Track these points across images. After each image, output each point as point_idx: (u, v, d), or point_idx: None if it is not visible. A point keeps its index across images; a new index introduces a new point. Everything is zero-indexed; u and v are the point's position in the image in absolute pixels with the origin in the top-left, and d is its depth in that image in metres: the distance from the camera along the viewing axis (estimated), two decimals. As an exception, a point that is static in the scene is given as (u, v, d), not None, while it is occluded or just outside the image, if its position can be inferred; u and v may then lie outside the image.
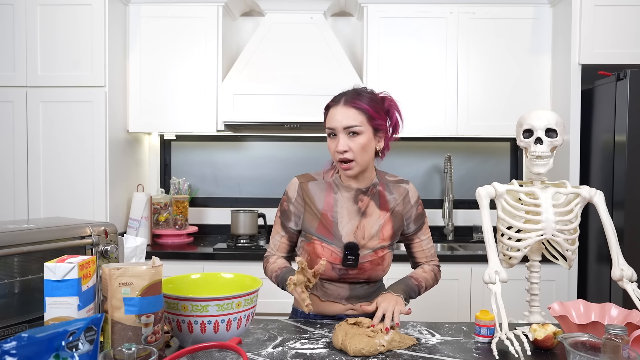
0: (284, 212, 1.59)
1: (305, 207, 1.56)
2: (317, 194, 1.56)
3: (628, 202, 2.34)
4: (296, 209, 1.57)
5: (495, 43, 2.87)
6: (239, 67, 2.88)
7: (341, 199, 1.55)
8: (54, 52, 2.67)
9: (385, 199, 1.56)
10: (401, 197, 1.57)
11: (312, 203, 1.55)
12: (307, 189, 1.57)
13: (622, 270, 1.44)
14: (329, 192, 1.56)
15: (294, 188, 1.59)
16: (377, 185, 1.57)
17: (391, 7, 2.87)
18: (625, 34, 2.62)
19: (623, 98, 2.37)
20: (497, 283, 1.39)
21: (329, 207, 1.54)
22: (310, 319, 1.58)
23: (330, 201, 1.55)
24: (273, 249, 1.62)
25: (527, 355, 1.24)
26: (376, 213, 1.54)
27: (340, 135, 1.46)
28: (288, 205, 1.58)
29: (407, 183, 1.61)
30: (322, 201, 1.55)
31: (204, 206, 3.28)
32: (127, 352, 0.99)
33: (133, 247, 1.39)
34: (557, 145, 1.54)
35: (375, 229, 1.53)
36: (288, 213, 1.58)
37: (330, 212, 1.54)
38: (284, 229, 1.59)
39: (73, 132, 2.67)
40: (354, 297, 1.56)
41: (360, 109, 1.46)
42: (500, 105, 2.87)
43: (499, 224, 1.57)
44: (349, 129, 1.45)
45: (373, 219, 1.54)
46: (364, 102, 1.47)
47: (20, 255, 1.28)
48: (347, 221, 1.53)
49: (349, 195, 1.55)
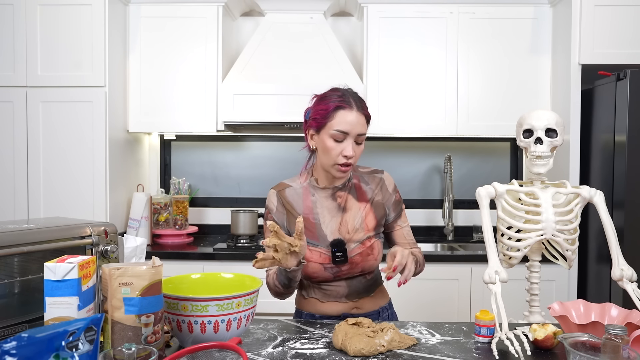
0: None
1: (286, 214, 1.56)
2: (295, 200, 1.56)
3: (628, 202, 2.34)
4: (279, 218, 1.56)
5: (495, 43, 2.87)
6: (239, 67, 2.88)
7: (319, 200, 1.56)
8: (54, 52, 2.67)
9: (362, 190, 1.58)
10: (377, 186, 1.59)
11: (292, 209, 1.56)
12: (284, 196, 1.57)
13: (622, 270, 1.44)
14: (306, 195, 1.57)
15: (272, 199, 1.58)
16: (351, 179, 1.58)
17: (391, 7, 2.87)
18: (625, 34, 2.62)
19: (623, 98, 2.37)
20: (497, 283, 1.39)
21: (308, 210, 1.55)
22: (314, 319, 1.58)
23: (309, 204, 1.55)
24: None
25: (527, 355, 1.24)
26: (356, 206, 1.56)
27: (350, 141, 1.45)
28: (271, 216, 1.57)
29: (382, 172, 1.62)
30: (300, 206, 1.56)
31: (204, 206, 3.28)
32: (127, 352, 0.99)
33: (133, 247, 1.39)
34: (557, 145, 1.54)
35: (358, 221, 1.54)
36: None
37: (311, 215, 1.54)
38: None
39: (73, 132, 2.67)
40: (353, 293, 1.57)
41: (366, 117, 1.48)
42: (500, 105, 2.87)
43: (499, 224, 1.57)
44: (360, 136, 1.46)
45: (354, 212, 1.55)
46: (367, 109, 1.49)
47: (20, 255, 1.28)
48: (329, 220, 1.54)
49: (326, 194, 1.56)
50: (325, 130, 1.46)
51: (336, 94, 1.49)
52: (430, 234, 3.23)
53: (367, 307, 1.59)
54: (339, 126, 1.44)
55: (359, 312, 1.57)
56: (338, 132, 1.44)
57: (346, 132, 1.44)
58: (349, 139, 1.45)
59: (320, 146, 1.49)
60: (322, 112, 1.47)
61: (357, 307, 1.58)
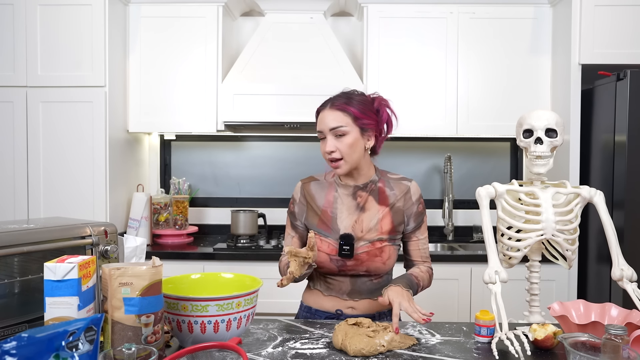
0: (291, 214, 1.68)
1: (307, 205, 1.64)
2: (318, 192, 1.64)
3: (628, 202, 2.34)
4: (299, 209, 1.66)
5: (495, 43, 2.87)
6: (239, 67, 2.88)
7: (340, 197, 1.61)
8: (54, 52, 2.67)
9: (385, 194, 1.61)
10: (402, 193, 1.61)
11: (312, 201, 1.64)
12: (308, 188, 1.66)
13: (622, 270, 1.44)
14: (330, 190, 1.63)
15: (297, 190, 1.69)
16: (376, 182, 1.62)
17: (391, 7, 2.87)
18: (625, 34, 2.62)
19: (623, 98, 2.37)
20: (497, 283, 1.39)
21: (329, 204, 1.61)
22: (310, 313, 1.62)
23: (330, 198, 1.62)
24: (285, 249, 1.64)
25: (527, 355, 1.24)
26: (375, 208, 1.59)
27: (328, 137, 1.54)
28: (294, 207, 1.68)
29: (410, 181, 1.64)
30: (322, 199, 1.63)
31: (204, 206, 3.28)
32: (127, 352, 0.99)
33: (133, 247, 1.39)
34: (557, 145, 1.54)
35: (373, 222, 1.57)
36: (294, 213, 1.67)
37: (330, 208, 1.61)
38: (293, 229, 1.68)
39: (73, 132, 2.67)
40: (356, 292, 1.58)
41: (345, 111, 1.54)
42: (500, 105, 2.87)
43: (499, 224, 1.57)
44: (335, 130, 1.53)
45: (371, 213, 1.58)
46: (349, 104, 1.54)
47: (20, 255, 1.28)
48: (346, 216, 1.59)
49: (347, 192, 1.61)
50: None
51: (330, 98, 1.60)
52: (431, 234, 3.22)
53: (364, 308, 1.59)
54: (318, 126, 1.58)
55: (354, 313, 1.58)
56: (319, 133, 1.58)
57: (320, 131, 1.56)
58: (327, 135, 1.54)
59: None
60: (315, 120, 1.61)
61: (353, 307, 1.59)
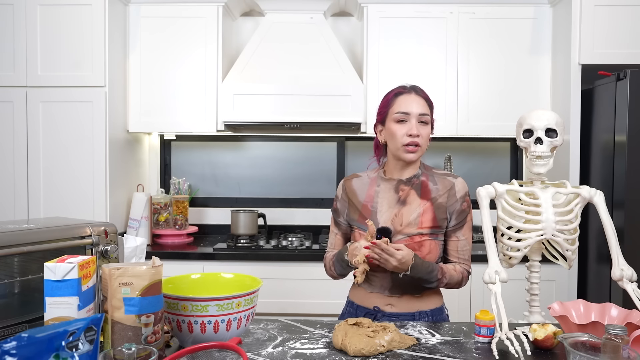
0: (334, 211, 1.71)
1: (348, 202, 1.66)
2: (360, 188, 1.65)
3: (628, 202, 2.34)
4: (342, 206, 1.68)
5: (495, 43, 2.87)
6: (239, 67, 2.88)
7: (382, 191, 1.62)
8: (54, 52, 2.67)
9: (427, 188, 1.60)
10: (446, 189, 1.59)
11: (354, 197, 1.64)
12: (350, 185, 1.67)
13: (622, 270, 1.44)
14: (371, 185, 1.64)
15: (340, 187, 1.71)
16: (419, 176, 1.62)
17: (391, 7, 2.87)
18: (625, 34, 2.62)
19: (623, 98, 2.37)
20: (497, 283, 1.39)
21: (369, 199, 1.62)
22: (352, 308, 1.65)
23: (372, 193, 1.62)
24: (330, 247, 1.72)
25: (527, 355, 1.24)
26: (416, 202, 1.58)
27: (413, 121, 1.54)
28: (336, 204, 1.70)
29: (456, 178, 1.62)
30: (363, 194, 1.63)
31: (204, 206, 3.28)
32: (127, 352, 0.99)
33: (133, 247, 1.39)
34: (557, 145, 1.55)
35: (413, 216, 1.56)
36: (337, 211, 1.69)
37: (370, 203, 1.61)
38: (337, 227, 1.70)
39: (73, 132, 2.67)
40: (397, 288, 1.57)
41: (428, 101, 1.58)
42: (500, 105, 2.87)
43: (499, 224, 1.57)
44: (422, 116, 1.55)
45: (413, 207, 1.57)
46: (427, 95, 1.60)
47: (20, 255, 1.28)
48: (385, 209, 1.59)
49: (390, 186, 1.61)
50: (389, 118, 1.58)
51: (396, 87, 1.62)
52: (430, 234, 3.22)
53: (402, 306, 1.58)
54: (400, 108, 1.55)
55: (392, 310, 1.57)
56: (400, 114, 1.55)
57: (407, 112, 1.54)
58: (411, 119, 1.54)
59: (387, 134, 1.59)
60: (383, 103, 1.62)
61: (392, 305, 1.58)
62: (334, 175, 3.28)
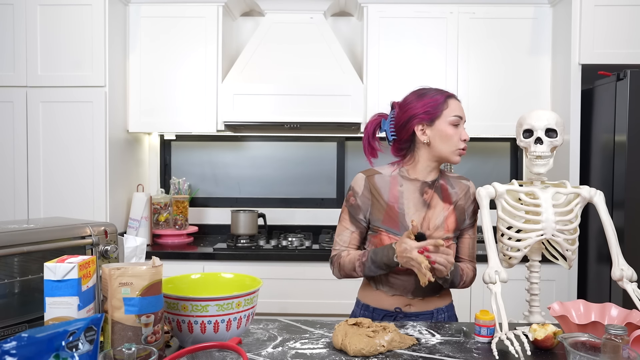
0: (353, 207, 1.61)
1: (372, 199, 1.59)
2: (383, 187, 1.59)
3: (628, 202, 2.34)
4: (363, 203, 1.59)
5: (495, 43, 2.87)
6: (238, 67, 2.88)
7: (407, 192, 1.59)
8: (54, 52, 2.67)
9: (447, 192, 1.62)
10: (463, 192, 1.63)
11: (378, 195, 1.59)
12: (373, 181, 1.60)
13: (622, 270, 1.44)
14: (393, 185, 1.60)
15: (360, 182, 1.61)
16: (439, 179, 1.63)
17: (391, 7, 2.87)
18: (625, 34, 2.62)
19: (623, 98, 2.37)
20: (497, 283, 1.39)
21: (394, 199, 1.58)
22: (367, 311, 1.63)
23: (396, 193, 1.59)
24: (342, 245, 1.62)
25: (527, 355, 1.24)
26: (440, 205, 1.59)
27: (463, 126, 1.57)
28: (355, 200, 1.60)
29: (468, 180, 1.67)
30: (387, 193, 1.59)
31: (204, 206, 3.28)
32: (127, 352, 0.99)
33: (133, 247, 1.39)
34: (557, 145, 1.54)
35: (439, 220, 1.58)
36: (357, 207, 1.60)
37: (397, 204, 1.57)
38: (353, 224, 1.61)
39: (73, 132, 2.67)
40: (419, 290, 1.58)
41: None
42: (500, 105, 2.87)
43: (499, 224, 1.57)
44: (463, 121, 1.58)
45: (437, 210, 1.58)
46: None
47: (20, 255, 1.28)
48: (413, 212, 1.57)
49: (414, 187, 1.59)
50: (441, 120, 1.54)
51: (432, 89, 1.59)
52: (430, 234, 3.22)
53: (422, 305, 1.59)
54: (455, 112, 1.55)
55: (412, 310, 1.59)
56: (456, 118, 1.54)
57: (461, 117, 1.56)
58: (462, 124, 1.56)
59: (439, 135, 1.54)
60: (433, 104, 1.54)
61: (411, 305, 1.58)
62: (334, 175, 3.28)
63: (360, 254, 1.56)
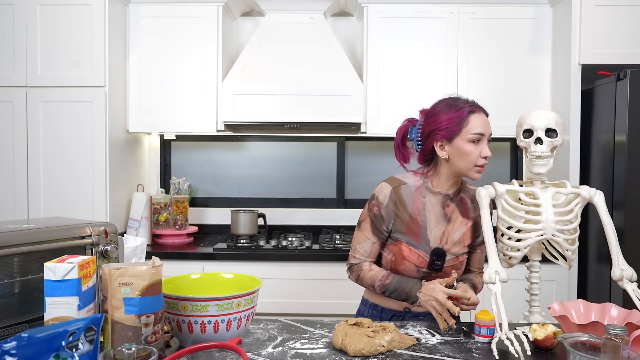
0: (376, 217, 1.58)
1: (395, 211, 1.57)
2: (407, 198, 1.58)
3: (628, 202, 2.34)
4: (387, 214, 1.57)
5: (495, 43, 2.87)
6: (239, 67, 2.88)
7: (429, 204, 1.58)
8: (54, 52, 2.67)
9: (467, 206, 1.62)
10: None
11: (402, 207, 1.57)
12: (399, 193, 1.58)
13: (622, 270, 1.44)
14: (417, 196, 1.59)
15: (385, 192, 1.58)
16: (460, 192, 1.62)
17: (391, 7, 2.87)
18: (625, 34, 2.62)
19: (623, 98, 2.37)
20: (497, 283, 1.39)
21: (417, 211, 1.57)
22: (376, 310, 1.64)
23: (419, 205, 1.58)
24: (363, 255, 1.61)
25: (527, 355, 1.24)
26: (459, 220, 1.60)
27: (485, 142, 1.52)
28: (379, 210, 1.58)
29: None
30: (411, 205, 1.58)
31: (204, 206, 3.28)
32: (127, 352, 0.99)
33: (133, 247, 1.39)
34: (557, 145, 1.54)
35: (457, 235, 1.59)
36: (381, 218, 1.58)
37: (419, 216, 1.57)
38: (375, 235, 1.59)
39: (73, 132, 2.67)
40: None
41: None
42: (500, 105, 2.87)
43: (499, 224, 1.57)
44: (489, 138, 1.54)
45: (456, 225, 1.60)
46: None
47: (20, 255, 1.28)
48: (434, 225, 1.57)
49: (437, 200, 1.59)
50: (460, 137, 1.51)
51: (460, 99, 1.56)
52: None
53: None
54: (476, 129, 1.50)
55: (420, 310, 1.60)
56: (476, 135, 1.50)
57: (482, 134, 1.51)
58: (484, 140, 1.52)
59: (457, 152, 1.51)
60: (454, 120, 1.51)
61: (419, 305, 1.57)
62: (334, 175, 3.28)
63: (383, 275, 1.56)
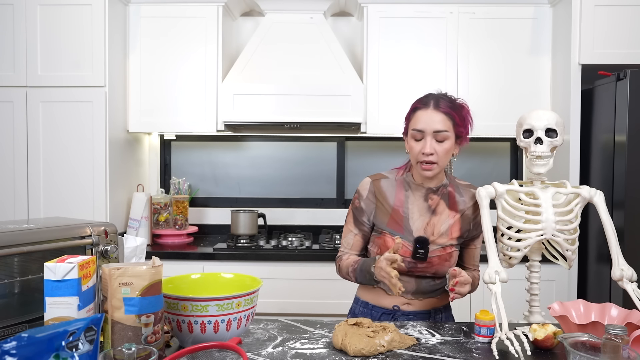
0: (357, 210, 1.64)
1: (376, 203, 1.61)
2: (389, 190, 1.62)
3: (628, 202, 2.34)
4: (367, 206, 1.62)
5: (495, 43, 2.87)
6: (239, 67, 2.88)
7: (412, 197, 1.61)
8: (54, 52, 2.67)
9: (454, 200, 1.62)
10: (472, 201, 1.63)
11: (383, 199, 1.61)
12: (378, 185, 1.63)
13: (622, 270, 1.44)
14: (399, 189, 1.62)
15: (365, 186, 1.64)
16: (447, 186, 1.63)
17: (391, 7, 2.87)
18: (625, 34, 2.62)
19: (623, 98, 2.37)
20: (497, 283, 1.39)
21: (400, 203, 1.60)
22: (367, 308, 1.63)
23: (401, 197, 1.60)
24: (346, 247, 1.67)
25: (527, 355, 1.24)
26: (446, 212, 1.60)
27: (428, 138, 1.51)
28: (360, 203, 1.63)
29: (476, 189, 1.65)
30: (393, 197, 1.61)
31: (204, 206, 3.28)
32: (127, 352, 0.99)
33: (133, 247, 1.39)
34: (557, 145, 1.54)
35: (444, 227, 1.59)
36: (361, 210, 1.63)
37: (402, 208, 1.59)
38: (357, 227, 1.64)
39: (73, 132, 2.67)
40: (420, 292, 1.60)
41: (449, 115, 1.53)
42: (500, 105, 2.87)
43: (499, 224, 1.57)
44: (438, 133, 1.51)
45: (443, 217, 1.59)
46: (453, 109, 1.54)
47: (20, 255, 1.28)
48: (417, 217, 1.58)
49: (419, 194, 1.61)
50: (409, 132, 1.57)
51: (427, 96, 1.58)
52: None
53: (420, 305, 1.61)
54: (415, 126, 1.53)
55: (410, 309, 1.60)
56: (415, 131, 1.53)
57: (421, 130, 1.52)
58: (427, 137, 1.51)
59: (407, 148, 1.58)
60: (407, 116, 1.59)
61: (409, 304, 1.60)
62: (334, 175, 3.28)
63: (354, 261, 1.60)
